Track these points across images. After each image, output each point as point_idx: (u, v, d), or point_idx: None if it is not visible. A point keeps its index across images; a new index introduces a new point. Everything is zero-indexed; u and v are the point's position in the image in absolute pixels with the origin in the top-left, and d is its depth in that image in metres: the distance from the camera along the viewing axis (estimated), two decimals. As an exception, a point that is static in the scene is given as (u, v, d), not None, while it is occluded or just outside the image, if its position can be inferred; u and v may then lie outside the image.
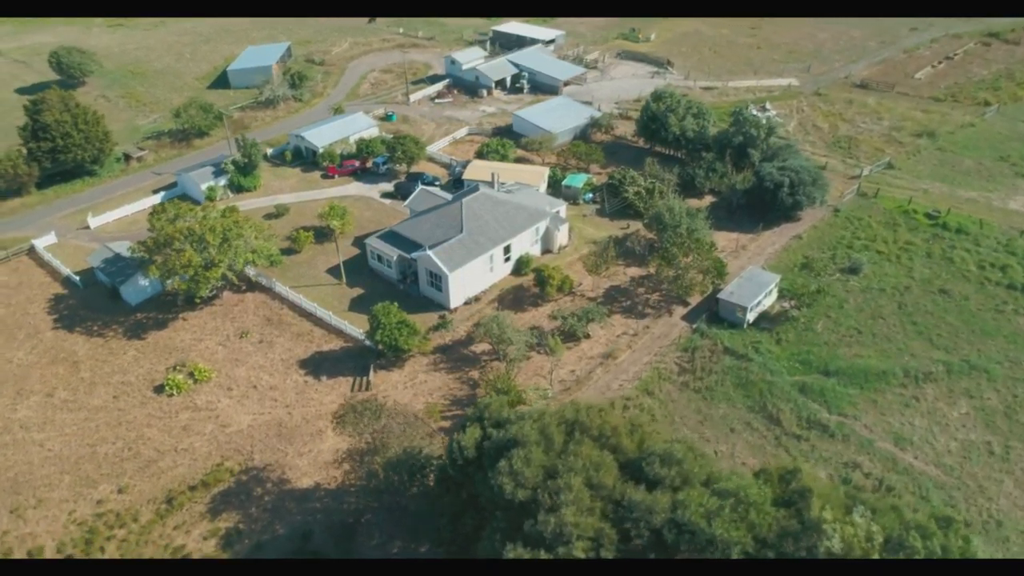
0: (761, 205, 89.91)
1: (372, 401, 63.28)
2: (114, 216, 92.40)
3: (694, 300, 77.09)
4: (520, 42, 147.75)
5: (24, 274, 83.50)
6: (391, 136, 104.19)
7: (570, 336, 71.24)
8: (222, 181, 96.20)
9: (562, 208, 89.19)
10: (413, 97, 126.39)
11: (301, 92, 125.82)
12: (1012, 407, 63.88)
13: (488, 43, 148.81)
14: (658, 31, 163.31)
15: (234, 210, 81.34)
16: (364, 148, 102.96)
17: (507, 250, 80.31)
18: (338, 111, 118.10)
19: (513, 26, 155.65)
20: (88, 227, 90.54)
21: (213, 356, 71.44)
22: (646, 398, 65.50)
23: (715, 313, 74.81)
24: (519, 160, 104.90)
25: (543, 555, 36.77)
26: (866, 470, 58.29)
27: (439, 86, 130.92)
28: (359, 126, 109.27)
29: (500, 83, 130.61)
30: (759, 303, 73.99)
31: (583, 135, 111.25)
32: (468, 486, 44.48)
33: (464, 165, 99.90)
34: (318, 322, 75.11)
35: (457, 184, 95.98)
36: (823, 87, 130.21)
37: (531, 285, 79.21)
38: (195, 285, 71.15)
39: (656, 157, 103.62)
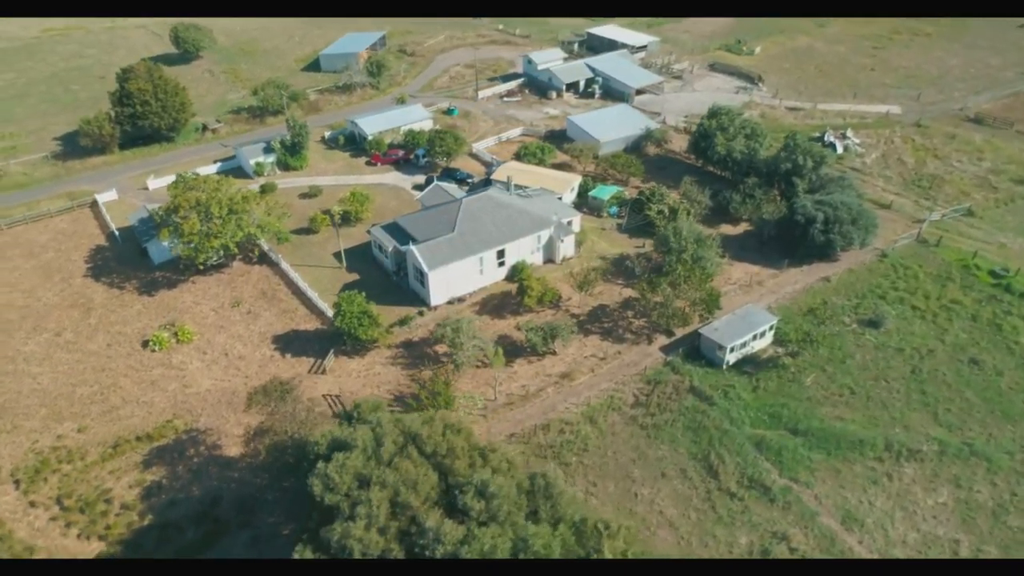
0: (791, 239, 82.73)
1: (282, 384, 64.58)
2: (171, 180, 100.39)
3: (681, 332, 72.50)
4: (612, 46, 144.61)
5: (81, 224, 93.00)
6: (438, 130, 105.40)
7: (533, 350, 69.35)
8: (271, 158, 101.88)
9: (575, 219, 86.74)
10: (482, 94, 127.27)
11: (378, 80, 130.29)
12: (1003, 506, 55.02)
13: (576, 45, 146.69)
14: (766, 45, 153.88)
15: (273, 187, 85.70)
16: (410, 140, 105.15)
17: (501, 255, 79.28)
18: (401, 101, 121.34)
19: (608, 29, 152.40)
20: (147, 188, 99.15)
21: (203, 320, 76.23)
22: (586, 425, 62.52)
23: (697, 348, 69.99)
24: (558, 165, 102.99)
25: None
26: (794, 544, 52.44)
27: (511, 85, 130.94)
28: (414, 117, 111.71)
29: (573, 86, 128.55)
30: (745, 344, 68.33)
31: (635, 147, 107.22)
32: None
33: (499, 165, 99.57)
34: (306, 301, 78.03)
35: (486, 183, 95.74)
36: (928, 118, 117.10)
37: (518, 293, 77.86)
38: (195, 252, 76.11)
39: (704, 177, 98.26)
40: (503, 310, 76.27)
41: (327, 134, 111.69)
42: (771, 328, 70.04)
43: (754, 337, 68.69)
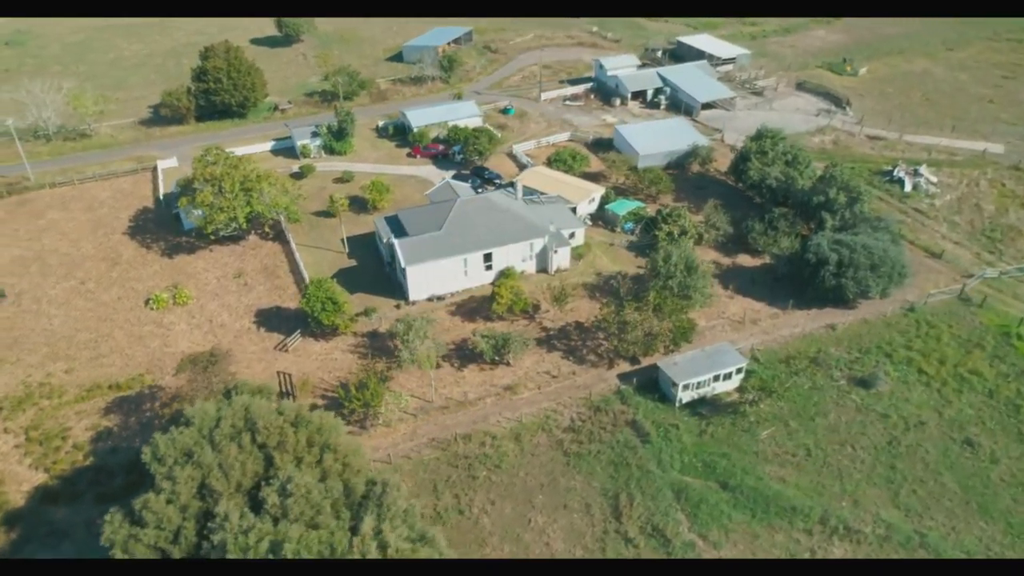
0: (803, 279, 76.04)
1: (211, 355, 67.48)
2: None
3: (649, 360, 68.79)
4: (699, 56, 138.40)
5: (139, 186, 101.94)
6: (475, 128, 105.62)
7: (480, 356, 68.46)
8: (317, 142, 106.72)
9: (579, 231, 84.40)
10: (545, 95, 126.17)
11: (449, 75, 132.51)
12: (934, 611, 48.09)
13: (660, 53, 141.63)
14: (875, 65, 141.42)
15: (311, 169, 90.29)
16: (452, 136, 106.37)
17: (488, 258, 78.72)
18: (457, 97, 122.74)
19: (700, 39, 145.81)
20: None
21: (204, 286, 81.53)
22: (510, 442, 61.04)
23: (655, 381, 66.20)
24: (592, 175, 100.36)
25: (138, 530, 38.31)
26: (668, 606, 48.71)
27: (579, 88, 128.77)
28: (462, 113, 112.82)
29: (640, 95, 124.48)
30: (703, 384, 63.83)
31: (678, 163, 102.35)
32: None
33: (530, 167, 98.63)
34: (299, 281, 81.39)
35: (511, 185, 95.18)
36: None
37: (497, 299, 77.04)
38: (205, 222, 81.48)
39: (741, 202, 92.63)
40: (477, 314, 75.76)
41: (380, 123, 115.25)
42: (739, 371, 64.95)
43: (716, 378, 64.01)
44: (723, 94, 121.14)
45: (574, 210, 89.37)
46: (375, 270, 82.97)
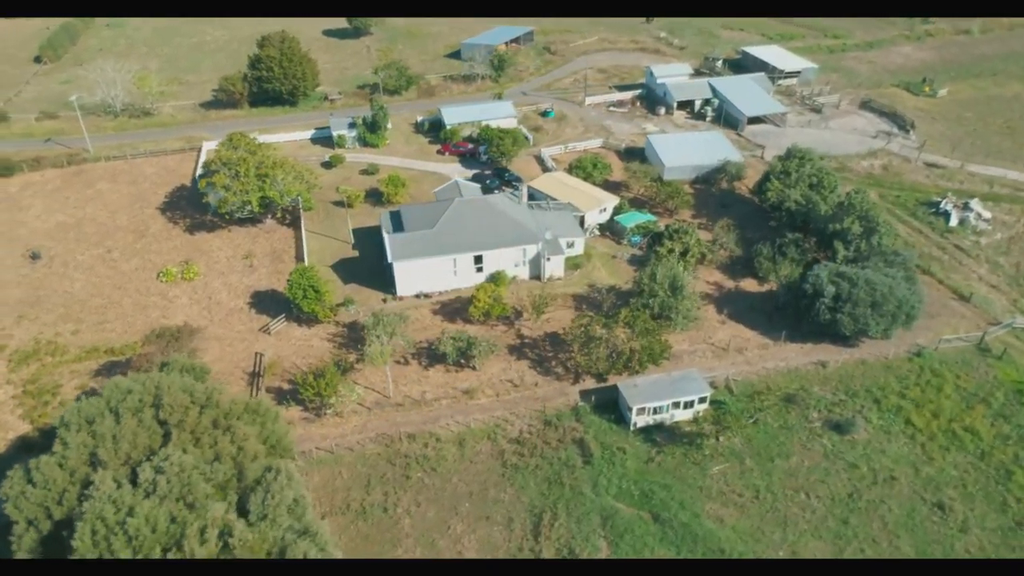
0: (798, 310, 71.62)
1: (176, 331, 70.43)
2: (271, 138, 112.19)
3: (616, 379, 66.71)
4: (762, 68, 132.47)
5: (184, 165, 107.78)
6: (501, 129, 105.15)
7: (441, 358, 68.41)
8: (353, 133, 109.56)
9: (578, 240, 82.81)
10: (590, 100, 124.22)
11: (499, 74, 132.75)
12: None
13: (720, 62, 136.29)
14: (958, 87, 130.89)
15: (341, 160, 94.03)
16: (482, 135, 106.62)
17: (478, 260, 78.55)
18: (498, 96, 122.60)
19: (766, 50, 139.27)
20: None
21: (214, 265, 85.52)
22: (453, 446, 60.88)
23: (616, 401, 64.17)
24: (613, 183, 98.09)
25: (29, 488, 40.90)
26: (565, 633, 47.25)
27: (627, 95, 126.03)
28: (498, 113, 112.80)
29: (688, 105, 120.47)
30: (661, 410, 61.38)
31: (706, 178, 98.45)
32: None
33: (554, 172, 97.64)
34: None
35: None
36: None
37: (481, 302, 76.76)
38: (219, 204, 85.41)
39: (763, 223, 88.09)
40: (459, 315, 75.75)
41: (419, 118, 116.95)
42: (701, 400, 62.00)
43: (675, 405, 61.39)
44: (773, 109, 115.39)
45: (583, 219, 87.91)
46: (375, 263, 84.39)
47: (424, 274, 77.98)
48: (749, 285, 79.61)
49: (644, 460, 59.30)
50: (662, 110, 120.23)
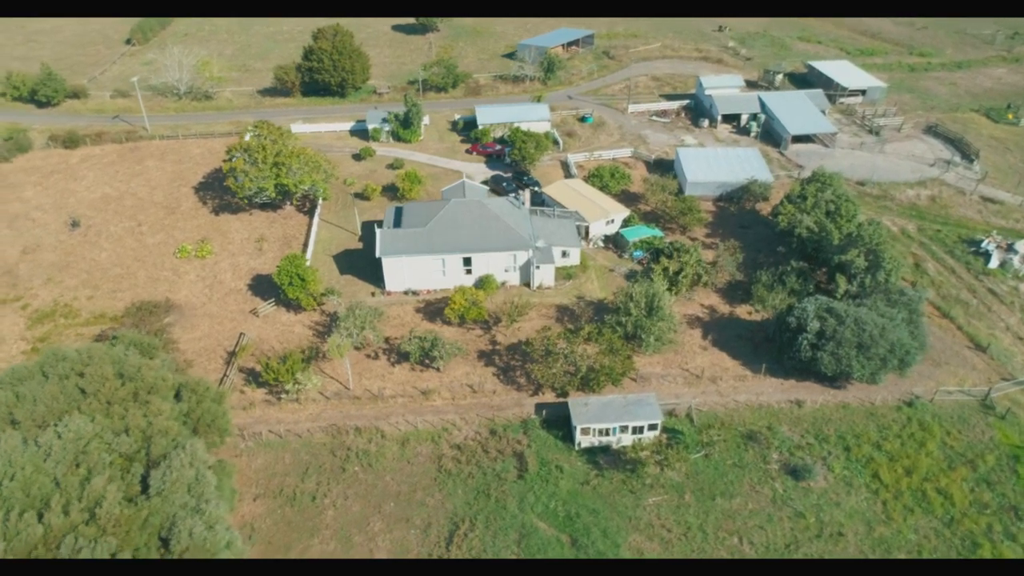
0: (780, 344, 67.57)
1: (154, 306, 73.63)
2: (313, 128, 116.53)
3: (575, 395, 65.21)
4: (826, 84, 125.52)
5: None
6: (526, 132, 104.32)
7: (408, 357, 68.85)
8: (387, 127, 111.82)
9: (574, 250, 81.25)
10: (633, 108, 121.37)
11: (547, 76, 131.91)
12: None
13: (780, 76, 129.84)
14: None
15: (371, 152, 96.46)
16: (510, 137, 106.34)
17: (467, 262, 78.55)
18: (537, 99, 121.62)
19: (832, 65, 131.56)
20: (289, 131, 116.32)
21: (228, 245, 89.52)
22: (395, 445, 61.42)
23: (568, 418, 62.71)
24: (632, 195, 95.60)
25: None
26: (448, 646, 46.76)
27: (671, 105, 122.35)
28: (532, 116, 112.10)
29: (734, 119, 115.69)
30: (608, 432, 59.53)
31: (732, 196, 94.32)
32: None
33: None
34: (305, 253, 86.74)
35: (536, 197, 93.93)
36: None
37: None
38: (237, 188, 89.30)
39: (777, 247, 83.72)
40: (440, 316, 75.98)
41: (456, 116, 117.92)
42: (652, 427, 59.65)
43: (623, 429, 59.36)
44: (821, 128, 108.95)
45: (587, 229, 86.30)
46: (373, 256, 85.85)
47: (413, 271, 78.77)
48: (744, 312, 75.82)
49: (580, 481, 57.72)
50: (705, 123, 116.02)
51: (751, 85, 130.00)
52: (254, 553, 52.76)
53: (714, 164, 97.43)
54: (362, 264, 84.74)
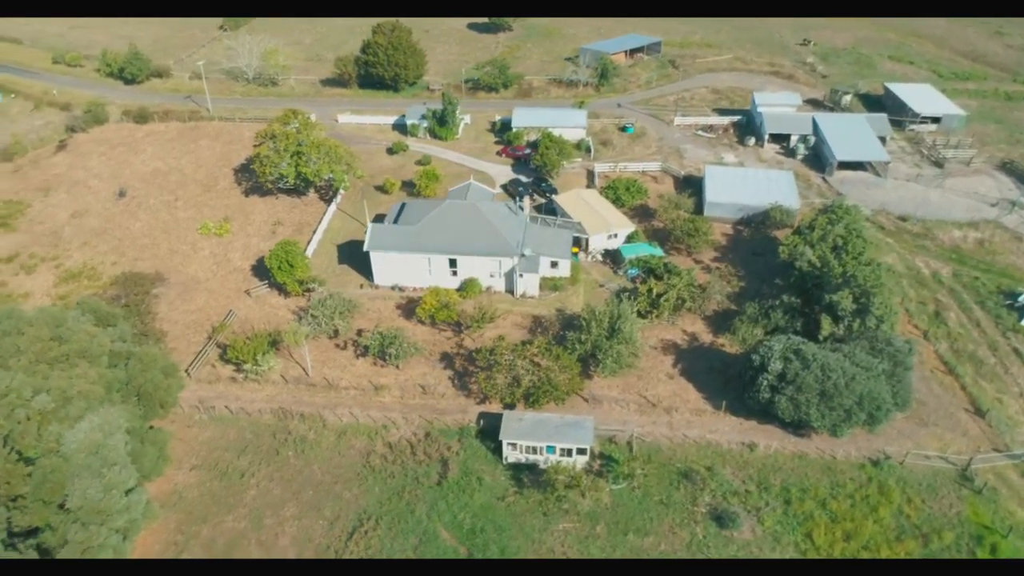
0: (743, 382, 63.57)
1: (140, 278, 79.09)
2: (354, 120, 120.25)
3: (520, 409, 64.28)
4: (900, 108, 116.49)
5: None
6: (552, 137, 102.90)
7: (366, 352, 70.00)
8: (424, 124, 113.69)
9: (564, 263, 79.75)
10: (680, 120, 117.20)
11: (601, 82, 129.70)
12: None
13: (848, 97, 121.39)
14: None
15: (404, 147, 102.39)
16: (539, 142, 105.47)
17: (453, 263, 78.86)
18: (580, 105, 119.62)
19: (909, 89, 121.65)
20: (336, 120, 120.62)
21: (247, 226, 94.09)
22: (332, 435, 62.87)
23: (505, 430, 61.90)
24: (650, 209, 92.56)
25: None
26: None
27: (721, 120, 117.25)
28: (568, 122, 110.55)
29: (783, 139, 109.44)
30: (535, 450, 58.35)
31: (753, 220, 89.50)
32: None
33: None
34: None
35: (548, 206, 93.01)
36: None
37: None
38: (260, 173, 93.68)
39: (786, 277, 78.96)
40: (413, 314, 76.78)
41: (497, 117, 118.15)
42: (580, 451, 57.88)
43: (549, 448, 57.96)
44: (873, 155, 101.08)
45: (586, 242, 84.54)
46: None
47: (400, 268, 79.95)
48: (724, 342, 71.92)
49: (497, 496, 56.93)
50: (752, 141, 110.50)
51: (816, 105, 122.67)
52: (170, 520, 55.62)
53: (739, 185, 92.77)
54: (361, 256, 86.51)
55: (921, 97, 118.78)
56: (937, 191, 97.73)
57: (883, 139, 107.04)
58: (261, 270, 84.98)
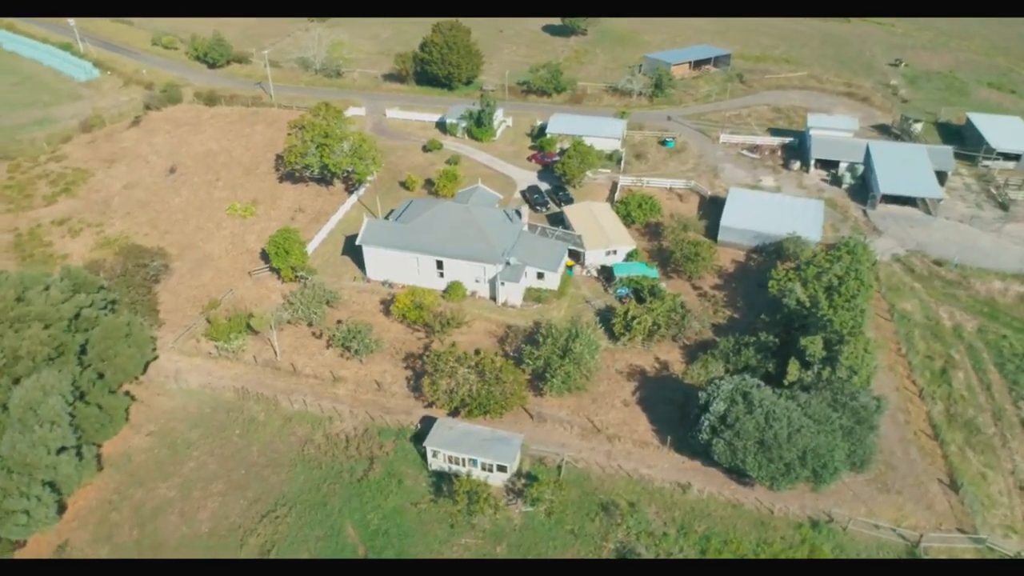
0: (687, 420, 60.26)
1: (140, 251, 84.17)
2: (401, 115, 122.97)
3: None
4: (977, 142, 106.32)
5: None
6: (579, 147, 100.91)
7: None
8: (463, 124, 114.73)
9: (551, 275, 78.49)
10: (726, 138, 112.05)
11: (656, 93, 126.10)
12: None
13: (919, 124, 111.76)
14: None
15: (438, 145, 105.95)
16: (570, 150, 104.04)
17: (440, 265, 79.41)
18: (623, 115, 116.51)
19: (994, 121, 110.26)
20: (384, 114, 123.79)
21: (271, 211, 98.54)
22: (278, 420, 65.08)
23: (441, 437, 61.87)
24: (660, 227, 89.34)
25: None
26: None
27: (769, 140, 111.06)
28: (603, 132, 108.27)
29: (830, 165, 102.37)
30: (458, 461, 58.09)
31: (766, 249, 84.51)
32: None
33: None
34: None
35: (556, 217, 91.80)
36: None
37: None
38: (287, 161, 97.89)
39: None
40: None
41: (538, 122, 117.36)
42: (500, 468, 57.01)
43: (472, 462, 57.48)
44: (923, 191, 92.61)
45: (583, 256, 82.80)
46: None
47: (391, 264, 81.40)
48: (691, 376, 68.43)
49: (412, 501, 57.18)
50: (796, 165, 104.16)
51: (883, 131, 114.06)
52: (113, 479, 59.49)
53: (759, 211, 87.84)
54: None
55: (1004, 131, 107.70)
56: (991, 236, 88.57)
57: (943, 174, 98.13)
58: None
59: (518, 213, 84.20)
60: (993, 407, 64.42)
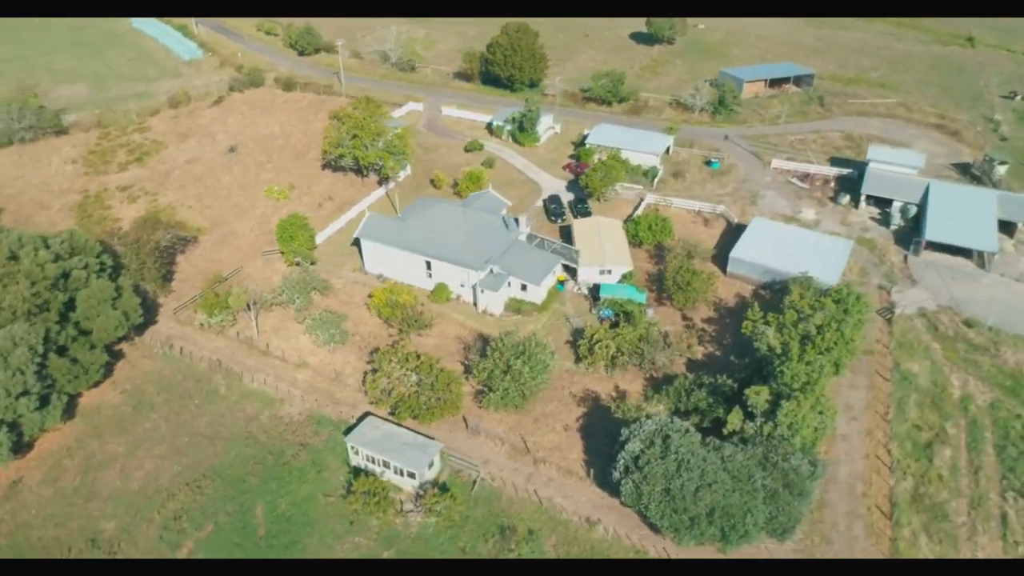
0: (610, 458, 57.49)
1: (155, 223, 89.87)
2: (455, 114, 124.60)
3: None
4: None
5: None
6: (604, 162, 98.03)
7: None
8: (508, 127, 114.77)
9: (537, 289, 77.53)
10: (777, 164, 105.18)
11: (718, 110, 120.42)
12: None
13: (999, 166, 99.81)
14: None
15: (479, 146, 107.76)
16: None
17: (428, 266, 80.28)
18: (670, 130, 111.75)
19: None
20: (440, 112, 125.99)
21: (304, 196, 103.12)
22: (236, 396, 68.37)
23: (373, 435, 62.83)
24: (662, 248, 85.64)
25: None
26: None
27: (824, 170, 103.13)
28: (643, 147, 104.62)
29: (882, 203, 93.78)
30: (374, 460, 58.90)
31: (774, 285, 78.92)
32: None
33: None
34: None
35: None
36: None
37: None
38: (323, 151, 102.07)
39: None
40: (382, 306, 79.62)
41: (586, 131, 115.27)
42: (410, 475, 57.15)
43: (385, 464, 58.05)
44: (976, 242, 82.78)
45: (574, 271, 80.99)
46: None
47: (386, 259, 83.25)
48: (650, 408, 65.19)
49: (324, 492, 58.55)
50: (846, 199, 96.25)
51: (963, 171, 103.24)
52: (77, 429, 64.89)
53: (776, 245, 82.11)
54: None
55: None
56: (1042, 297, 78.17)
57: (1012, 225, 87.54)
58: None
59: (516, 221, 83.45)
60: (973, 494, 57.10)
